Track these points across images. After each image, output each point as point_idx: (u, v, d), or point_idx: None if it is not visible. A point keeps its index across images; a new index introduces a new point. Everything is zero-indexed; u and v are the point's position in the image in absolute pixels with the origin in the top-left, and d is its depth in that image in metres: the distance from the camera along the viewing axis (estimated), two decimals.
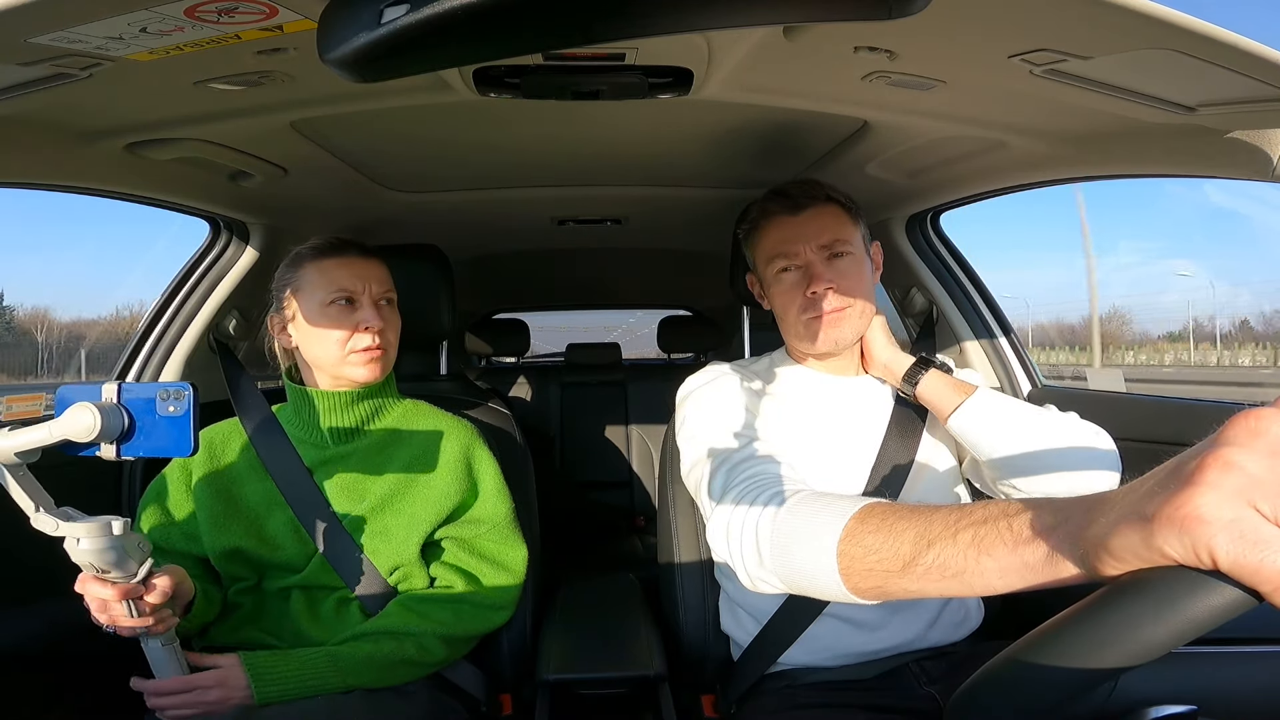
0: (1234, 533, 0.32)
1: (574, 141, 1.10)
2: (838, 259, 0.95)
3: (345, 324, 0.97)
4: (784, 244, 0.96)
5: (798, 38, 0.68)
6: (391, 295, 1.03)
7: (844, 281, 0.94)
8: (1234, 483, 0.33)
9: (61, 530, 0.66)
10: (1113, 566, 0.37)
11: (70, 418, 0.64)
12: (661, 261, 2.14)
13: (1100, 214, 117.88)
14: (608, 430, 2.47)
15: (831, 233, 0.95)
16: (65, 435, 0.64)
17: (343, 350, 0.97)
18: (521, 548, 1.06)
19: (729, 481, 0.78)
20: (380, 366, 0.99)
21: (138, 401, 0.66)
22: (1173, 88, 0.67)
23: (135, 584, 0.73)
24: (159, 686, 0.81)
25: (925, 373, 0.95)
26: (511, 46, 0.51)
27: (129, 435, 0.66)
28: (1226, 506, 0.32)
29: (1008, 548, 0.43)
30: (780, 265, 0.97)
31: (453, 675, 1.01)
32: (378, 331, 0.98)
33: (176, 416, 0.66)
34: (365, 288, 0.99)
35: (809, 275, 0.95)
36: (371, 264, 1.02)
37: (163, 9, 0.52)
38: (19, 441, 0.63)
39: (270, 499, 0.97)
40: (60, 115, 0.77)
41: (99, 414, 0.64)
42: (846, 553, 0.55)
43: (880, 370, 1.01)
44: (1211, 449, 0.34)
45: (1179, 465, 0.36)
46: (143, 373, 1.29)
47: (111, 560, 0.69)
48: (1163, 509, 0.34)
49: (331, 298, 0.97)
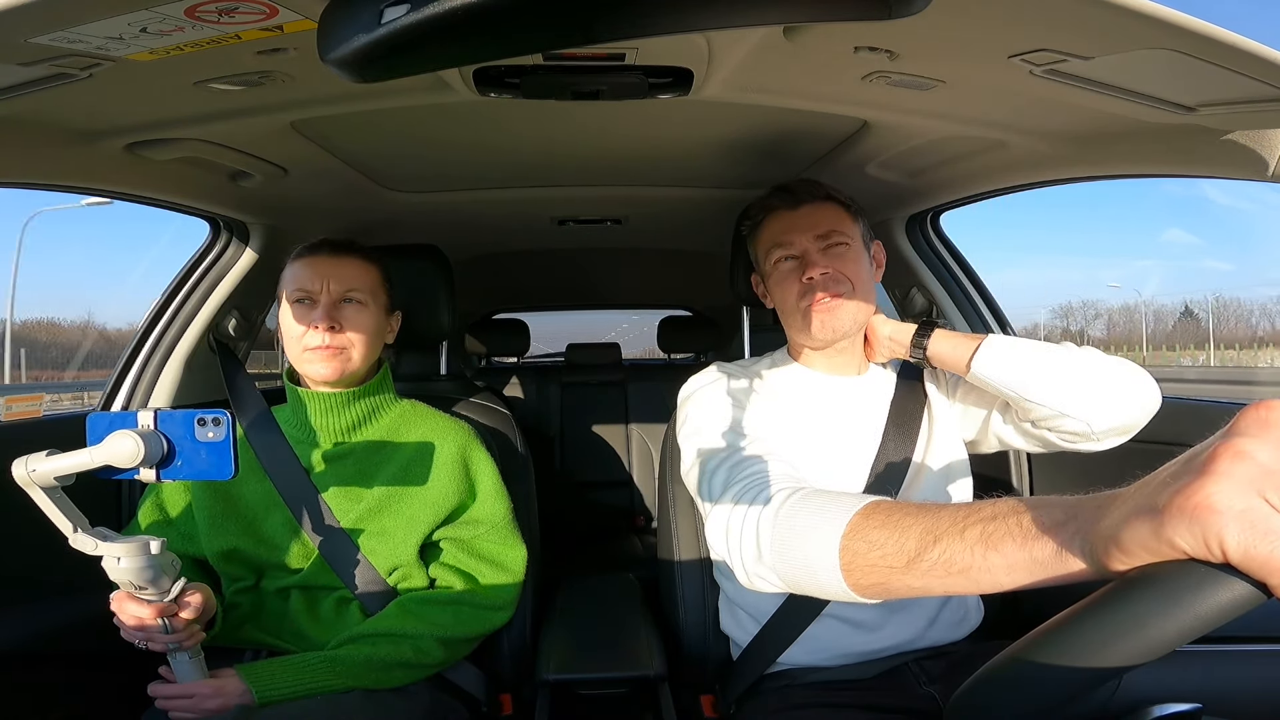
0: (1245, 522, 0.32)
1: (574, 141, 1.10)
2: (834, 249, 0.96)
3: (302, 322, 0.97)
4: (782, 234, 0.97)
5: (798, 38, 0.68)
6: (356, 295, 1.00)
7: (841, 269, 0.95)
8: (1245, 472, 0.33)
9: (101, 550, 0.68)
10: (1122, 561, 0.37)
11: (113, 444, 0.66)
12: (661, 261, 2.14)
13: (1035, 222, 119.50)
14: (608, 430, 2.47)
15: (829, 224, 0.96)
16: (107, 461, 0.66)
17: (299, 348, 0.97)
18: (520, 548, 1.06)
19: (730, 479, 0.78)
20: (335, 366, 0.97)
21: (175, 428, 0.69)
22: (1173, 88, 0.67)
23: (169, 602, 0.76)
24: (166, 690, 0.83)
25: (930, 334, 0.95)
26: (512, 46, 0.51)
27: (168, 460, 0.69)
28: (1238, 496, 0.32)
29: (1017, 543, 0.43)
30: (778, 255, 0.98)
31: (453, 675, 1.01)
32: (327, 330, 0.96)
33: (217, 442, 0.69)
34: (323, 286, 0.98)
35: (805, 263, 0.96)
36: (339, 262, 1.00)
37: (163, 9, 0.52)
38: (60, 465, 0.65)
39: (268, 499, 0.97)
40: (60, 115, 0.78)
41: (142, 441, 0.66)
42: (849, 548, 0.55)
43: (886, 346, 1.00)
44: (1223, 440, 0.34)
45: (1190, 457, 0.36)
46: (143, 372, 1.29)
47: (149, 578, 0.72)
48: (1173, 499, 0.34)
49: (294, 296, 0.98)
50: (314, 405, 1.01)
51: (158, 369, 1.30)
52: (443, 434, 1.04)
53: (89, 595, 0.79)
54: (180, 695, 0.82)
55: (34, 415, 1.64)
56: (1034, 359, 0.87)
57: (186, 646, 0.80)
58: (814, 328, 0.96)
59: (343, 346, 0.98)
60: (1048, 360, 0.86)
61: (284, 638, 0.96)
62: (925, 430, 0.99)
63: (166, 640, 0.78)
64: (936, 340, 0.95)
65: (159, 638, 0.77)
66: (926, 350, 0.95)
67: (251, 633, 0.97)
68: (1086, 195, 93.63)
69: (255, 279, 1.37)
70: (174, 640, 0.78)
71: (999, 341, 0.89)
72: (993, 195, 1.23)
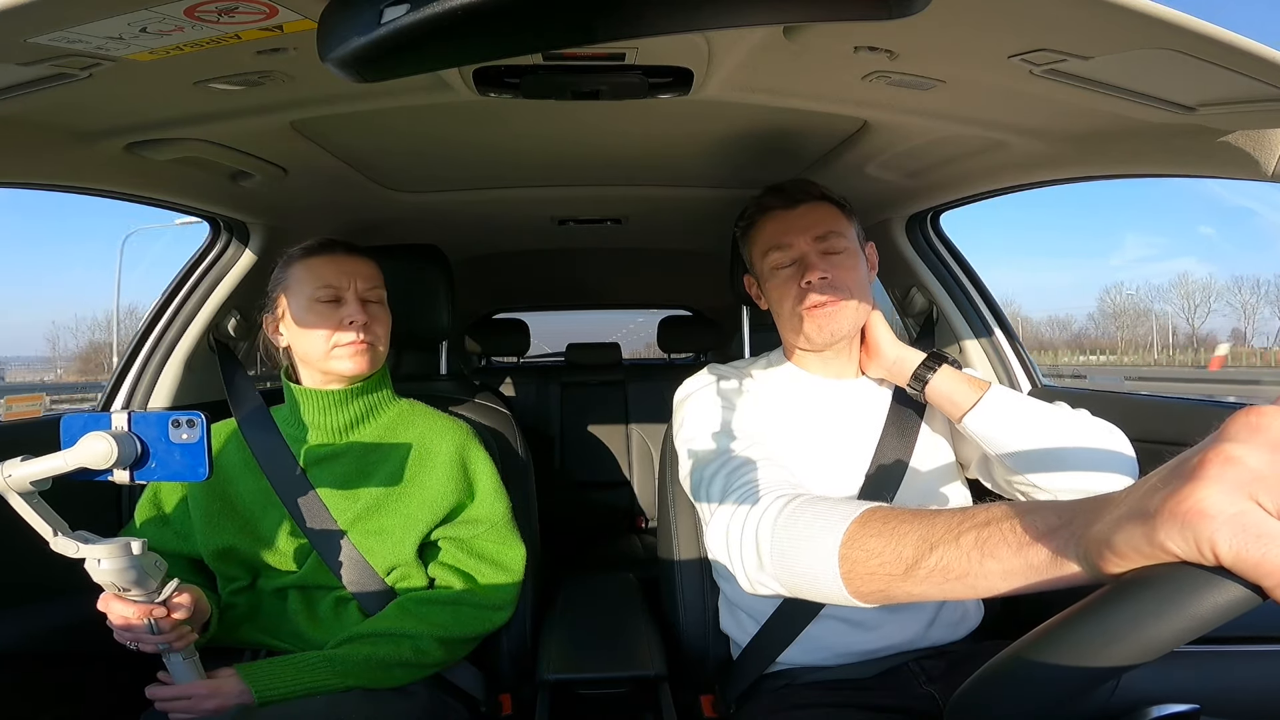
0: (1236, 526, 0.32)
1: (574, 141, 1.10)
2: (833, 253, 0.95)
3: (330, 319, 0.98)
4: (779, 235, 0.97)
5: (798, 38, 0.68)
6: (378, 293, 1.03)
7: (838, 273, 0.94)
8: (1236, 477, 0.33)
9: (82, 552, 0.69)
10: (1116, 565, 0.37)
11: (86, 447, 0.66)
12: (662, 261, 2.14)
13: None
14: (608, 430, 2.47)
15: (825, 225, 0.96)
16: (81, 464, 0.66)
17: (328, 345, 0.98)
18: (520, 547, 1.06)
19: (727, 486, 0.78)
20: (368, 359, 0.99)
21: (150, 429, 0.69)
22: (1173, 88, 0.67)
23: (157, 604, 0.76)
24: (163, 693, 0.83)
25: (937, 369, 0.93)
26: (511, 46, 0.51)
27: (142, 461, 0.69)
28: (1228, 500, 0.32)
29: (1012, 549, 0.43)
30: (775, 258, 0.97)
31: (452, 675, 1.01)
32: (362, 326, 0.98)
33: (191, 444, 0.69)
34: (350, 284, 0.99)
35: (803, 267, 0.95)
36: (358, 262, 1.02)
37: (163, 9, 0.52)
38: (35, 470, 0.65)
39: (265, 498, 0.97)
40: (60, 115, 0.77)
41: (115, 442, 0.66)
42: (848, 557, 0.55)
43: (885, 367, 0.98)
44: (1213, 445, 0.34)
45: (1181, 462, 0.36)
46: (143, 372, 1.29)
47: (132, 579, 0.72)
48: (1165, 504, 0.34)
49: (318, 294, 0.98)
50: (312, 403, 1.01)
51: (158, 369, 1.30)
52: (441, 433, 1.04)
53: (88, 595, 0.79)
54: (178, 696, 0.82)
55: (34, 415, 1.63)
56: (1027, 428, 0.86)
57: (177, 648, 0.80)
58: (811, 332, 0.96)
59: (372, 341, 1.00)
60: (1040, 431, 0.86)
61: (282, 638, 0.96)
62: (923, 435, 0.99)
63: (155, 641, 0.78)
64: (941, 378, 0.92)
65: (147, 639, 0.77)
66: (926, 388, 0.93)
67: (249, 633, 0.97)
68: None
69: (255, 279, 1.37)
70: (163, 641, 0.78)
71: (1000, 400, 0.88)
72: (993, 195, 1.23)
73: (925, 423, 1.00)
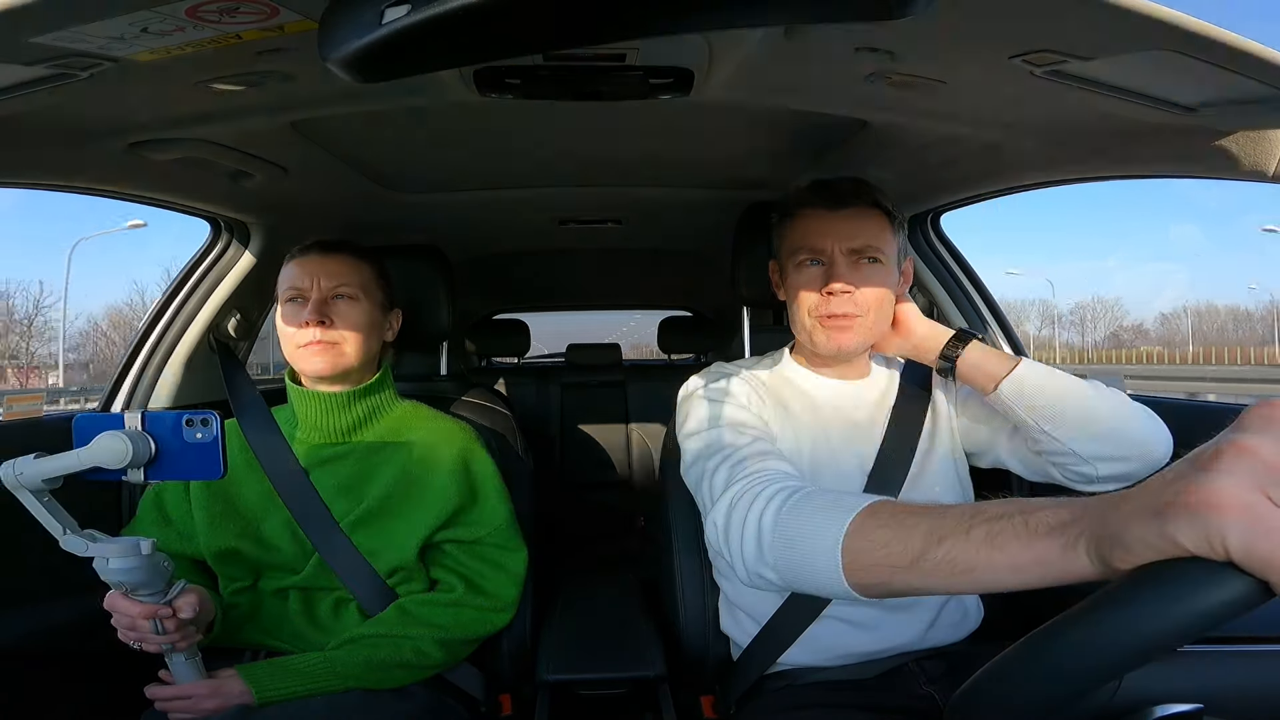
0: (1248, 519, 0.32)
1: (574, 142, 1.10)
2: (865, 264, 0.91)
3: (294, 319, 0.98)
4: (812, 237, 0.92)
5: (798, 38, 0.68)
6: (346, 290, 1.00)
7: (864, 288, 0.90)
8: (1249, 469, 0.33)
9: (91, 551, 0.69)
10: (1126, 560, 0.37)
11: (102, 446, 0.66)
12: (661, 262, 2.14)
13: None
14: (608, 430, 2.47)
15: (865, 237, 0.91)
16: (96, 462, 0.66)
17: (293, 346, 0.98)
18: (521, 550, 1.06)
19: (731, 477, 0.77)
20: (326, 360, 0.98)
21: (163, 429, 0.69)
22: (1173, 88, 0.67)
23: (162, 604, 0.76)
24: (163, 693, 0.83)
25: (967, 344, 0.91)
26: (512, 47, 0.51)
27: (156, 460, 0.69)
28: (1241, 493, 0.32)
29: (1022, 543, 0.43)
30: (804, 257, 0.93)
31: (452, 675, 1.01)
32: (317, 324, 0.97)
33: (205, 443, 0.69)
34: (313, 283, 0.99)
35: (830, 273, 0.91)
36: (328, 260, 1.01)
37: (164, 9, 0.52)
38: (48, 468, 0.66)
39: (267, 499, 0.97)
40: (61, 115, 0.77)
41: (130, 442, 0.66)
42: (852, 547, 0.55)
43: (913, 343, 0.96)
44: (1228, 437, 0.35)
45: (1195, 455, 0.36)
46: (143, 372, 1.29)
47: (140, 579, 0.72)
48: (1177, 496, 0.34)
49: (286, 296, 0.99)
50: (314, 405, 1.01)
51: (158, 369, 1.30)
52: (444, 436, 1.04)
53: (89, 595, 0.79)
54: (178, 696, 0.82)
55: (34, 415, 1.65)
56: (1065, 393, 0.85)
57: (181, 648, 0.80)
58: (821, 342, 0.94)
59: (335, 341, 0.98)
60: (1077, 398, 0.85)
61: (283, 639, 0.96)
62: (926, 435, 0.99)
63: (159, 641, 0.78)
64: (973, 349, 0.90)
65: (151, 638, 0.77)
66: (958, 361, 0.91)
67: (250, 634, 0.97)
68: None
69: (255, 279, 1.37)
70: (167, 641, 0.78)
71: (1034, 367, 0.87)
72: (993, 195, 1.23)
73: (929, 423, 0.99)
